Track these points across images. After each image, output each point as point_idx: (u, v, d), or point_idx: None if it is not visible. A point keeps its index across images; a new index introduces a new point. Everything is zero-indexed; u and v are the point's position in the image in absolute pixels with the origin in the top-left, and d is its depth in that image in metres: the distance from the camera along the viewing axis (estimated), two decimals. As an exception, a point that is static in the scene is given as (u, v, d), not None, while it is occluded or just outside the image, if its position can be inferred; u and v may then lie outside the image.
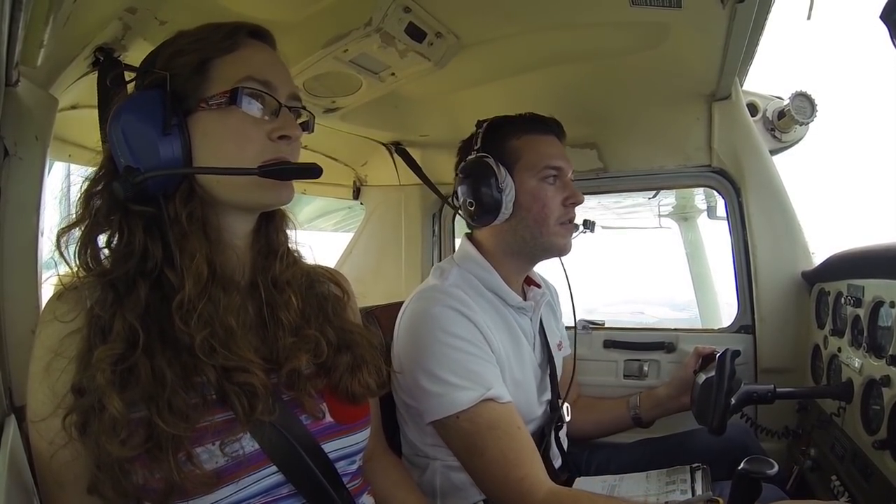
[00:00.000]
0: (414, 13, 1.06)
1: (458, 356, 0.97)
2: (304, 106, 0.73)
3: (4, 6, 0.52)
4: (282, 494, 0.66)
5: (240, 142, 0.65)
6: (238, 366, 0.62)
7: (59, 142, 1.16)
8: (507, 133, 1.13)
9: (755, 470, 0.69)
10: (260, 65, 0.68)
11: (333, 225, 2.79)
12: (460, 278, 1.11)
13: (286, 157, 0.67)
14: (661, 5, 1.02)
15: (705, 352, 1.31)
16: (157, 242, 0.63)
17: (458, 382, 0.95)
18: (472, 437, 0.94)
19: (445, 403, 0.95)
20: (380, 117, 1.56)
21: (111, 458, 0.56)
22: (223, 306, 0.63)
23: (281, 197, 0.70)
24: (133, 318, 0.60)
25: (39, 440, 0.59)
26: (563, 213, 1.11)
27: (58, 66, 0.84)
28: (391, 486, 0.88)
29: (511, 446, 0.93)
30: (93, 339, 0.59)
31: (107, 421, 0.56)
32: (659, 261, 3.28)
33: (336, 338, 0.75)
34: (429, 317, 1.01)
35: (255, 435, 0.63)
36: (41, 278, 0.80)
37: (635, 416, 1.35)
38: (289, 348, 0.69)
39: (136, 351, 0.59)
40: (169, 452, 0.57)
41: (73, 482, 0.59)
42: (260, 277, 0.72)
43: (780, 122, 1.55)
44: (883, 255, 1.05)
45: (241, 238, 0.72)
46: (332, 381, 0.72)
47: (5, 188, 0.74)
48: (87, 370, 0.58)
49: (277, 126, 0.67)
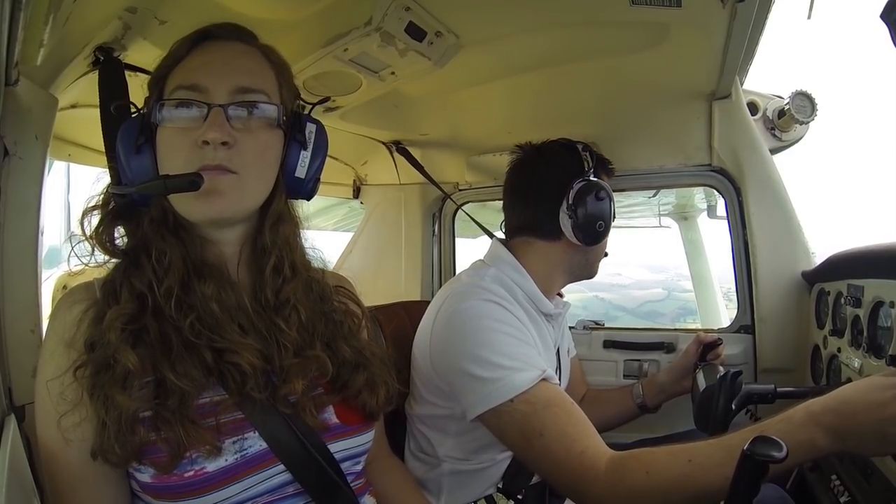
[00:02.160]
0: (414, 12, 1.05)
1: (509, 340, 0.96)
2: (258, 101, 0.66)
3: (4, 6, 0.52)
4: (287, 493, 0.66)
5: (168, 153, 0.65)
6: (226, 347, 0.63)
7: (59, 141, 1.16)
8: (596, 165, 1.16)
9: (762, 453, 0.61)
10: (192, 69, 0.67)
11: (333, 224, 2.79)
12: (496, 279, 1.10)
13: (212, 164, 0.62)
14: (661, 5, 1.02)
15: (707, 340, 1.32)
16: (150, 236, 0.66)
17: (514, 365, 0.93)
18: (529, 419, 0.91)
19: (503, 387, 0.91)
20: (380, 116, 1.56)
21: (119, 411, 0.58)
22: (204, 295, 0.64)
23: (193, 211, 0.64)
24: (142, 285, 0.63)
25: (47, 399, 0.60)
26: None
27: (58, 65, 0.84)
28: (393, 488, 0.89)
29: (569, 422, 0.91)
30: (105, 303, 0.63)
31: (118, 374, 0.59)
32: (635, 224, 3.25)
33: (353, 357, 0.74)
34: (472, 310, 1.00)
35: (262, 434, 0.64)
36: (41, 278, 0.80)
37: (641, 403, 1.36)
38: (286, 370, 0.66)
39: (145, 313, 0.62)
40: (175, 411, 0.59)
41: (79, 444, 0.60)
42: (259, 293, 0.70)
43: (780, 121, 1.55)
44: (883, 255, 1.05)
45: (227, 244, 0.71)
46: (346, 398, 0.72)
47: (5, 188, 0.74)
48: (99, 329, 0.61)
49: (201, 132, 0.63)
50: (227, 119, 0.64)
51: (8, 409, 0.67)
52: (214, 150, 0.62)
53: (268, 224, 0.71)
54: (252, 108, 0.66)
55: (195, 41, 0.69)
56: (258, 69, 0.69)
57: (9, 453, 0.55)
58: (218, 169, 0.63)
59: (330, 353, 0.72)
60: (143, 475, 0.61)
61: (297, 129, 0.71)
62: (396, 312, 1.36)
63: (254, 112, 0.66)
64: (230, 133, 0.63)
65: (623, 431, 1.42)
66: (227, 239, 0.70)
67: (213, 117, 0.63)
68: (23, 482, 0.57)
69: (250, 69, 0.68)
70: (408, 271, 1.95)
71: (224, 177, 0.63)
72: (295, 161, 0.71)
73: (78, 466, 0.61)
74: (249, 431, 0.64)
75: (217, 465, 0.61)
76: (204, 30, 0.70)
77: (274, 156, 0.69)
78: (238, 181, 0.64)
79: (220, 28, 0.70)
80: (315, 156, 0.72)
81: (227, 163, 0.63)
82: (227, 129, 0.63)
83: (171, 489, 0.60)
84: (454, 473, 1.07)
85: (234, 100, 0.65)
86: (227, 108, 0.64)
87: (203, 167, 0.62)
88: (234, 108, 0.65)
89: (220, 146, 0.62)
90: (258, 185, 0.68)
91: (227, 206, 0.65)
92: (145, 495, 0.63)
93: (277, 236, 0.71)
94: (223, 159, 0.63)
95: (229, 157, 0.63)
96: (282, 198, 0.71)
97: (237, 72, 0.67)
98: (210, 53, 0.68)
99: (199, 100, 0.64)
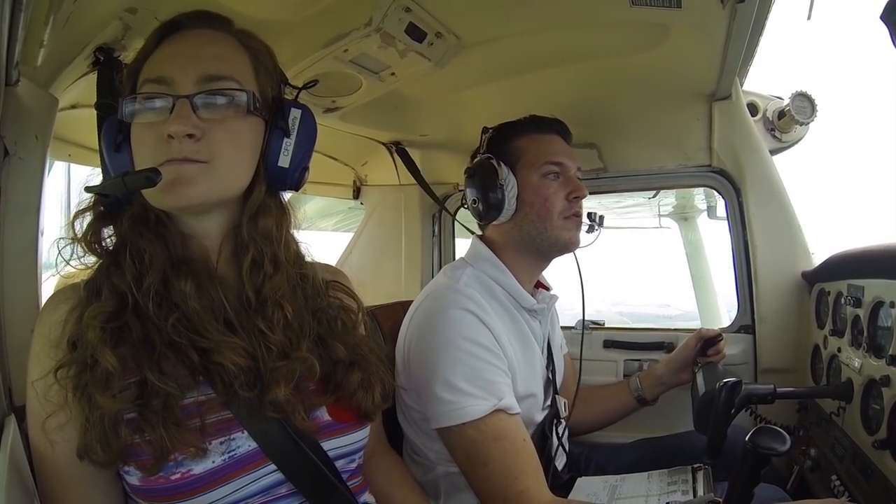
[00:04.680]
0: (414, 13, 1.05)
1: (473, 363, 0.96)
2: (226, 88, 0.63)
3: (4, 6, 0.52)
4: (280, 494, 0.65)
5: (138, 149, 0.64)
6: (209, 347, 0.62)
7: (59, 141, 1.16)
8: (509, 135, 1.16)
9: (765, 446, 0.61)
10: (159, 61, 0.64)
11: (333, 225, 2.79)
12: (474, 279, 1.10)
13: (178, 157, 0.60)
14: (661, 5, 1.02)
15: (709, 335, 1.32)
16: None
17: (472, 391, 0.93)
18: (476, 446, 0.93)
19: (455, 413, 0.93)
20: (380, 117, 1.56)
21: (101, 412, 0.57)
22: (185, 293, 0.63)
23: (162, 201, 0.62)
24: (122, 284, 0.62)
25: (34, 400, 0.60)
26: (567, 207, 1.12)
27: (58, 65, 0.84)
28: (392, 486, 0.88)
29: (516, 459, 0.92)
30: (88, 303, 0.62)
31: (99, 375, 0.58)
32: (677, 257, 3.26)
33: (348, 355, 0.72)
34: (445, 319, 1.00)
35: (251, 433, 0.63)
36: (41, 278, 0.80)
37: (639, 396, 1.35)
38: (270, 373, 0.64)
39: (126, 311, 0.61)
40: (159, 412, 0.57)
41: (64, 445, 0.59)
42: (242, 292, 0.67)
43: (780, 122, 1.55)
44: (883, 255, 1.05)
45: (206, 237, 0.69)
46: (341, 398, 0.71)
47: (5, 188, 0.74)
48: (80, 328, 0.60)
49: (167, 125, 0.60)
50: (193, 110, 0.61)
51: (8, 410, 0.67)
52: (180, 143, 0.60)
53: (246, 216, 0.67)
54: (219, 95, 0.63)
55: (164, 33, 0.67)
56: (228, 55, 0.66)
57: (9, 453, 0.55)
58: (185, 161, 0.61)
59: (322, 351, 0.70)
60: (131, 477, 0.60)
61: (278, 116, 0.67)
62: (395, 311, 1.36)
63: (220, 100, 0.63)
64: (195, 125, 0.61)
65: (623, 431, 1.42)
66: (206, 231, 0.68)
67: (178, 109, 0.61)
68: (23, 482, 0.57)
69: (219, 56, 0.65)
70: (408, 271, 1.95)
71: (191, 165, 0.61)
72: (277, 149, 0.67)
73: (66, 468, 0.60)
74: (237, 431, 0.63)
75: (204, 466, 0.60)
76: (172, 20, 0.67)
77: (249, 144, 0.66)
78: (208, 169, 0.62)
79: (189, 17, 0.67)
80: (300, 143, 0.68)
81: (194, 155, 0.61)
82: (193, 121, 0.61)
83: (159, 492, 0.59)
84: (449, 476, 1.06)
85: (201, 89, 0.62)
86: (194, 99, 0.62)
87: (169, 160, 0.60)
88: (201, 98, 0.62)
89: (186, 139, 0.60)
90: (231, 173, 0.64)
91: (196, 194, 0.62)
92: (136, 497, 0.62)
93: (256, 229, 0.67)
94: (190, 152, 0.61)
95: (196, 149, 0.61)
96: (261, 188, 0.68)
97: (204, 60, 0.64)
98: (177, 44, 0.66)
99: (165, 92, 0.62)
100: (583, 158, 1.66)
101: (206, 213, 0.67)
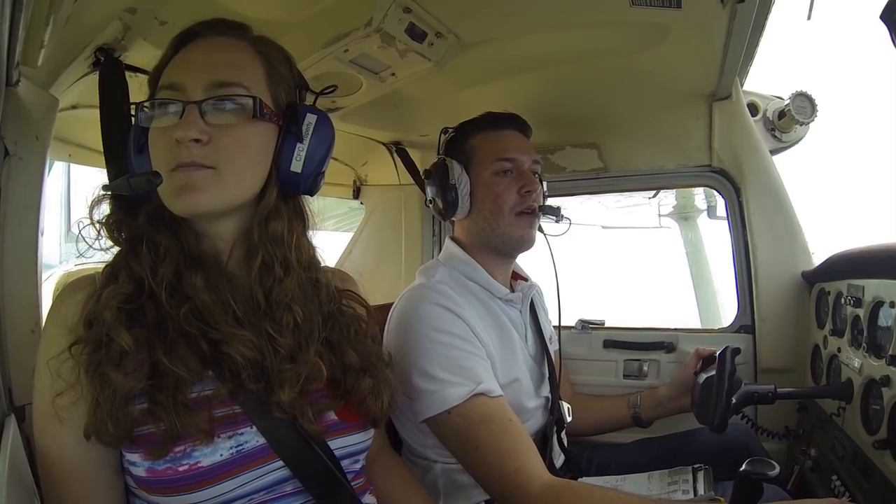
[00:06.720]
0: (414, 13, 1.06)
1: (447, 352, 0.98)
2: (233, 94, 0.64)
3: (4, 6, 0.52)
4: (286, 491, 0.66)
5: (154, 153, 0.66)
6: (219, 338, 0.63)
7: (59, 142, 1.16)
8: (464, 134, 1.19)
9: (756, 471, 0.69)
10: (174, 68, 0.67)
11: (333, 225, 2.80)
12: (446, 275, 1.13)
13: (186, 161, 0.62)
14: (661, 5, 1.02)
15: (706, 353, 1.31)
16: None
17: (449, 378, 0.95)
18: (465, 432, 0.94)
19: (437, 400, 0.95)
20: (380, 117, 1.56)
21: (113, 390, 0.58)
22: (195, 286, 0.64)
23: (173, 206, 0.64)
24: (140, 270, 0.64)
25: (45, 379, 0.60)
26: (518, 202, 1.13)
27: (58, 66, 0.84)
28: (396, 487, 0.88)
29: (504, 439, 0.93)
30: (105, 285, 0.63)
31: (114, 353, 0.59)
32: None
33: (360, 361, 0.73)
34: (417, 315, 1.02)
35: (260, 429, 0.63)
36: (41, 278, 0.80)
37: (635, 415, 1.35)
38: (277, 375, 0.64)
39: (142, 295, 0.63)
40: (170, 393, 0.59)
41: (71, 424, 0.60)
42: (253, 293, 0.68)
43: (780, 121, 1.55)
44: (883, 255, 1.05)
45: (219, 238, 0.70)
46: (349, 403, 0.71)
47: (5, 188, 0.74)
48: (97, 308, 0.61)
49: (175, 131, 0.62)
50: (202, 115, 0.63)
51: (8, 410, 0.67)
52: (188, 147, 0.62)
53: (257, 220, 0.68)
54: (227, 101, 0.64)
55: (182, 41, 0.69)
56: (239, 61, 0.67)
57: (9, 454, 0.55)
58: (193, 166, 0.62)
59: (332, 356, 0.71)
60: (137, 469, 0.61)
61: (292, 122, 0.68)
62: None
63: (228, 106, 0.64)
64: (202, 129, 0.62)
65: (623, 431, 1.42)
66: (219, 233, 0.69)
67: (187, 114, 0.63)
68: (23, 482, 0.57)
69: (230, 62, 0.67)
70: (408, 271, 1.94)
71: (199, 172, 0.62)
72: (289, 154, 0.68)
73: (70, 455, 0.61)
74: (245, 426, 0.63)
75: (212, 459, 0.60)
76: (189, 29, 0.69)
77: (258, 149, 0.67)
78: (216, 176, 0.63)
79: (205, 25, 0.69)
80: (314, 148, 0.69)
81: (201, 159, 0.62)
82: (200, 126, 0.62)
83: (167, 483, 0.60)
84: (446, 472, 1.06)
85: (209, 95, 0.64)
86: (202, 104, 0.63)
87: (178, 165, 0.62)
88: (209, 104, 0.63)
89: (193, 143, 0.62)
90: (238, 179, 0.65)
91: (204, 201, 0.63)
92: (141, 491, 0.63)
93: (266, 233, 0.68)
94: (197, 156, 0.62)
95: (204, 153, 0.63)
96: (273, 193, 0.69)
97: (214, 66, 0.65)
98: (192, 52, 0.67)
99: (176, 98, 0.64)
100: (583, 158, 1.67)
101: (219, 218, 0.68)
